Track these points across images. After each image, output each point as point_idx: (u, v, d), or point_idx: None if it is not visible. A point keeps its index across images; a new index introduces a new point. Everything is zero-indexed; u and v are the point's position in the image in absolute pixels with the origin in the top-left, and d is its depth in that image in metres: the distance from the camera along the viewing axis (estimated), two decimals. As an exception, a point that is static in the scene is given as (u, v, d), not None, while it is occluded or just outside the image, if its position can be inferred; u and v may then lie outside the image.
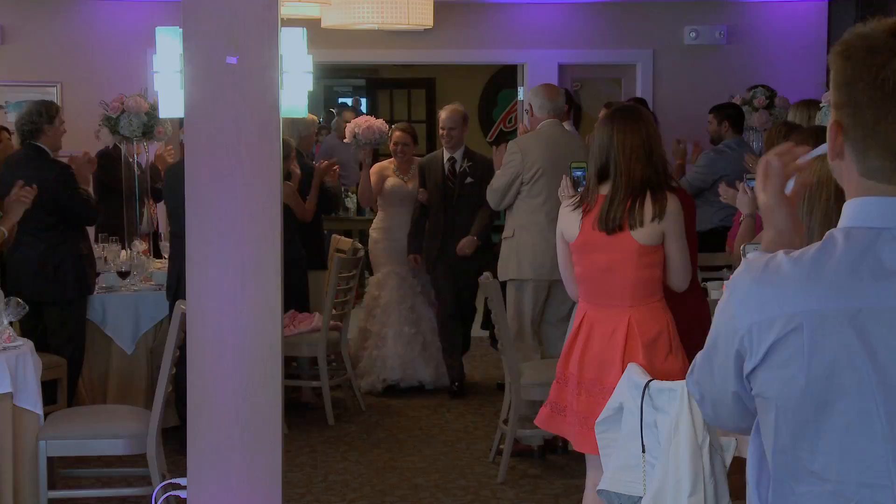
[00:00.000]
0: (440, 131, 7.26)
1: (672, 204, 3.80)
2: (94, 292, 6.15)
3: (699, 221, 7.20)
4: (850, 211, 1.62)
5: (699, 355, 1.74)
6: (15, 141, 6.64)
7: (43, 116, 5.97)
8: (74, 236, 5.99)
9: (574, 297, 4.06)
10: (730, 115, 7.86)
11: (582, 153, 6.36)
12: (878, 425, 1.54)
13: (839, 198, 1.71)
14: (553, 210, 6.08)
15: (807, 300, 1.56)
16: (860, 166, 1.61)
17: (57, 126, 5.99)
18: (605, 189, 3.83)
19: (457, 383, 7.18)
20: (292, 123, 6.79)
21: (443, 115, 7.24)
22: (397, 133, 7.48)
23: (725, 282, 1.69)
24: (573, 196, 4.00)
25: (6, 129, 7.65)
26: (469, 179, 7.03)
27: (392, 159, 7.51)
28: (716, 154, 7.48)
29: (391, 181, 7.37)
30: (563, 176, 4.45)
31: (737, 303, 1.63)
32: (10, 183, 5.60)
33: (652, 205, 3.76)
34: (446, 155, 7.17)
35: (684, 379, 3.41)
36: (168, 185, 6.11)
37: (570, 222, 3.87)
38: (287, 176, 6.43)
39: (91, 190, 6.36)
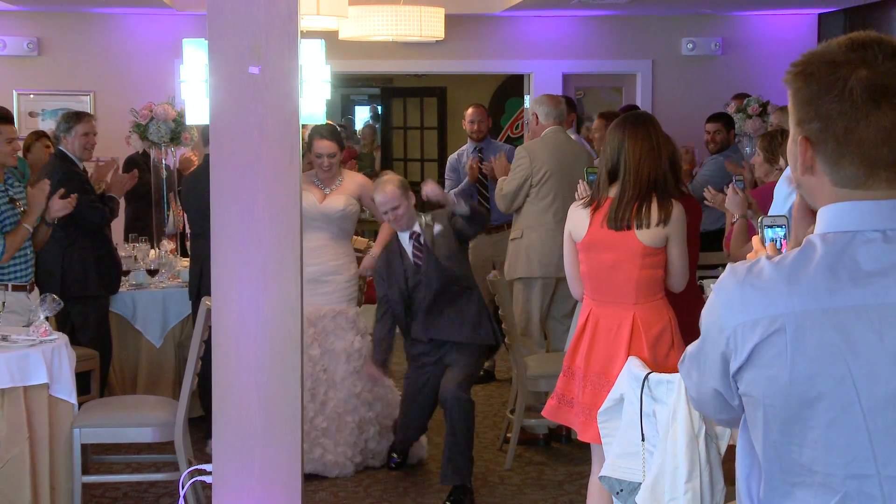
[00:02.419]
0: (385, 218, 5.31)
1: (677, 210, 3.80)
2: (119, 291, 6.14)
3: (708, 221, 7.23)
4: (826, 217, 1.61)
5: (691, 346, 1.74)
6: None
7: (61, 125, 6.04)
8: (89, 238, 5.95)
9: (577, 297, 4.06)
10: (733, 123, 7.91)
11: (584, 157, 6.39)
12: (860, 419, 1.54)
13: None
14: (560, 211, 6.08)
15: (788, 302, 1.55)
16: (833, 177, 1.60)
17: (75, 136, 5.98)
18: (613, 191, 3.83)
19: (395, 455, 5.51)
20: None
21: (377, 196, 5.25)
22: (319, 142, 5.45)
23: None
24: (584, 198, 3.99)
25: (46, 136, 7.68)
26: (437, 227, 5.25)
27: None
28: (723, 159, 7.49)
29: (306, 197, 5.28)
30: (580, 181, 4.43)
31: (721, 305, 1.62)
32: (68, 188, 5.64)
33: (658, 210, 3.76)
34: (405, 237, 5.28)
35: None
36: (188, 190, 6.07)
37: (578, 221, 3.87)
38: None
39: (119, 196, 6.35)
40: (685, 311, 3.96)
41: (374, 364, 5.32)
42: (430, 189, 5.27)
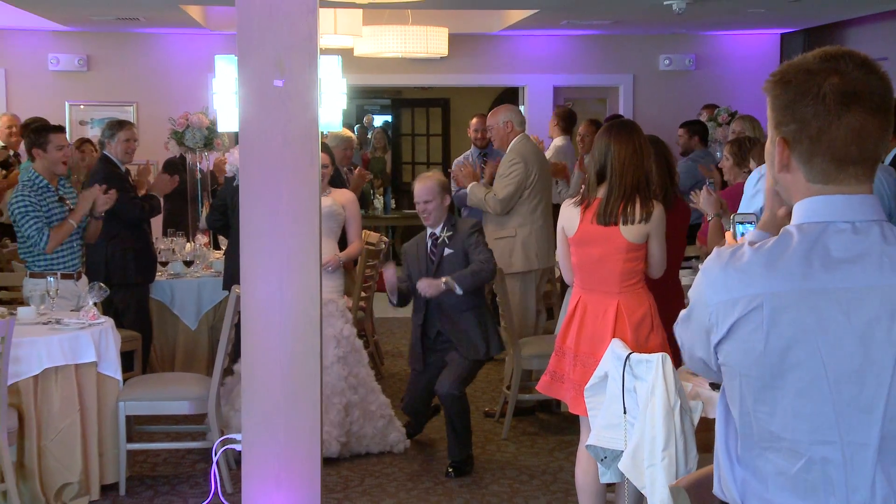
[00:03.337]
0: (416, 207, 5.17)
1: (657, 210, 3.78)
2: (155, 279, 6.12)
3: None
4: (801, 210, 1.60)
5: (683, 311, 1.72)
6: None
7: (105, 132, 6.05)
8: (128, 232, 5.89)
9: (569, 283, 4.04)
10: (698, 130, 7.95)
11: (547, 161, 6.38)
12: (826, 390, 1.53)
13: None
14: (545, 209, 6.10)
15: (766, 283, 1.55)
16: (807, 173, 1.59)
17: (117, 141, 5.95)
18: (601, 191, 3.81)
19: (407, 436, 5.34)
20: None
21: (416, 186, 5.14)
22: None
23: (700, 265, 1.69)
24: (574, 197, 3.97)
25: (90, 141, 7.69)
26: (448, 251, 5.09)
27: None
28: (692, 162, 7.52)
29: None
30: (582, 185, 4.36)
31: (706, 285, 1.61)
32: (90, 185, 5.65)
33: (641, 208, 3.75)
34: (428, 232, 5.19)
35: (664, 352, 3.42)
36: (228, 189, 5.97)
37: (570, 218, 3.85)
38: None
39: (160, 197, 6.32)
40: (666, 299, 3.95)
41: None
42: (388, 275, 5.07)
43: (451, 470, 4.94)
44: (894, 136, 5.43)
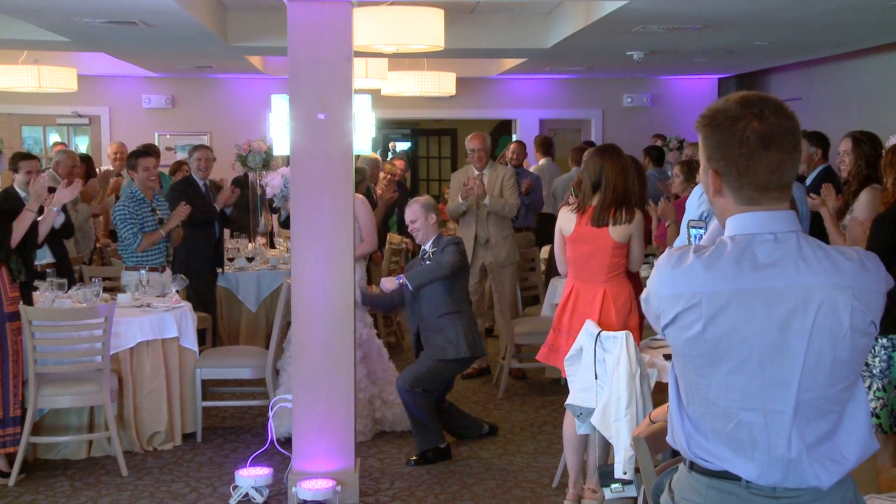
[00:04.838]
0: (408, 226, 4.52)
1: (638, 216, 3.78)
2: (224, 271, 6.06)
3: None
4: (733, 224, 1.58)
5: (644, 293, 1.68)
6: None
7: (187, 156, 6.08)
8: (196, 234, 5.77)
9: (563, 274, 4.01)
10: (651, 153, 7.98)
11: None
12: (753, 369, 1.52)
13: None
14: None
15: (705, 283, 1.53)
16: (736, 198, 1.57)
17: (190, 163, 6.04)
18: (594, 200, 3.79)
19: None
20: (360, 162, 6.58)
21: (407, 212, 4.46)
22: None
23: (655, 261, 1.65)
24: (572, 203, 3.94)
25: (185, 163, 7.72)
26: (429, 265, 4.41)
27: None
28: (658, 180, 7.54)
29: None
30: (569, 193, 4.16)
31: (657, 279, 1.59)
32: (176, 199, 5.63)
33: (625, 214, 3.73)
34: (422, 248, 4.55)
35: (641, 329, 3.41)
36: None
37: (567, 221, 3.84)
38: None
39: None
40: (637, 285, 3.94)
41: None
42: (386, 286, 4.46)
43: (412, 459, 4.32)
44: (823, 158, 5.34)
